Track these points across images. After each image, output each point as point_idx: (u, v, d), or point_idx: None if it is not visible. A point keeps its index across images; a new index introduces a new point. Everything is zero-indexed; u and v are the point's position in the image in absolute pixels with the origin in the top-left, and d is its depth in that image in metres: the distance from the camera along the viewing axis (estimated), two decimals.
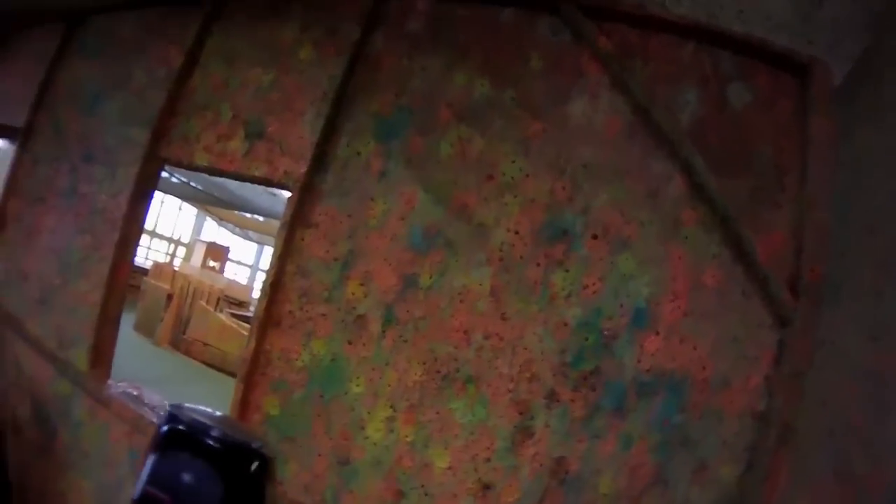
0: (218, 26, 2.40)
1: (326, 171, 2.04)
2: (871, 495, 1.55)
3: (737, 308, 1.90)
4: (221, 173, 2.20)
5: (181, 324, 7.26)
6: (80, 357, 2.43)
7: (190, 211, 14.50)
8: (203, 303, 7.23)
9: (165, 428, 0.66)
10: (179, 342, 7.12)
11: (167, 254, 13.45)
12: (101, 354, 2.42)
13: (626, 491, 1.85)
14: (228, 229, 15.58)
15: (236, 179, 2.20)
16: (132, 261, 2.38)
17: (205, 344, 6.92)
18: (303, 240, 2.02)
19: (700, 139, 1.96)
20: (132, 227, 2.33)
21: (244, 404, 2.03)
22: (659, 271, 1.90)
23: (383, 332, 1.92)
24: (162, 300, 7.47)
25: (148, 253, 12.85)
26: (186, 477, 0.63)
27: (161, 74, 2.41)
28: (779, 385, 1.84)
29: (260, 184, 2.15)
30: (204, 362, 6.78)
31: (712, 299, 1.90)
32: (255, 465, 0.69)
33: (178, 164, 2.30)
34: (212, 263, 9.88)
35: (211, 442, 0.65)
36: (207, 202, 9.49)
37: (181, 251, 14.04)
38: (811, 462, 1.81)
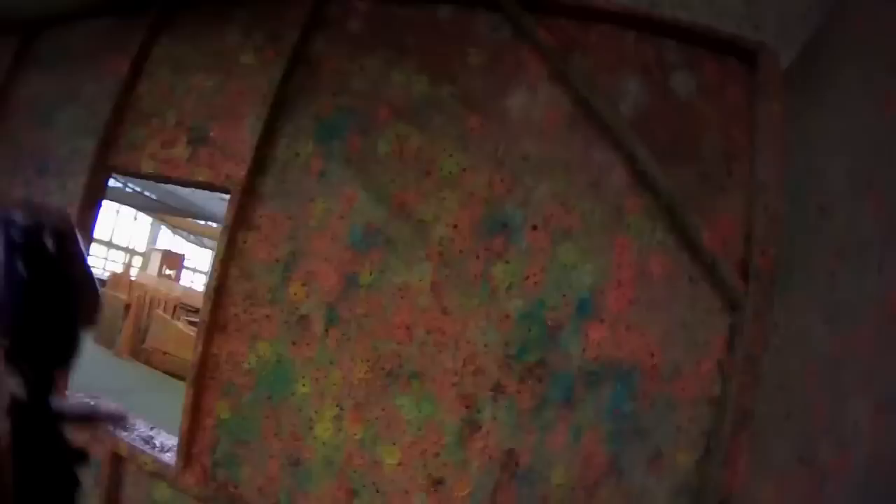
0: (166, 35, 2.43)
1: (267, 174, 2.06)
2: (834, 480, 1.55)
3: (684, 294, 1.91)
4: (166, 179, 2.22)
5: (140, 333, 7.27)
6: None
7: (145, 220, 14.55)
8: (160, 311, 7.23)
9: None
10: (139, 352, 7.13)
11: (123, 264, 13.49)
12: None
13: (580, 482, 1.85)
14: (183, 237, 15.65)
15: (180, 185, 2.23)
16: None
17: (164, 353, 6.91)
18: (245, 242, 2.04)
19: (643, 128, 1.98)
20: (83, 235, 2.34)
21: (195, 409, 2.04)
22: (602, 260, 1.91)
23: (326, 331, 1.93)
24: (120, 310, 7.48)
25: (105, 264, 12.88)
26: None
27: (110, 85, 2.44)
28: (732, 369, 1.84)
29: (203, 188, 2.17)
30: (164, 371, 6.77)
31: (659, 287, 1.90)
32: (49, 243, 0.59)
33: (126, 173, 2.32)
34: (168, 271, 9.90)
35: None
36: (161, 211, 9.56)
37: (137, 261, 14.08)
38: (773, 448, 1.81)
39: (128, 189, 7.32)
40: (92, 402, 2.34)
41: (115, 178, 2.51)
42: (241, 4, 2.31)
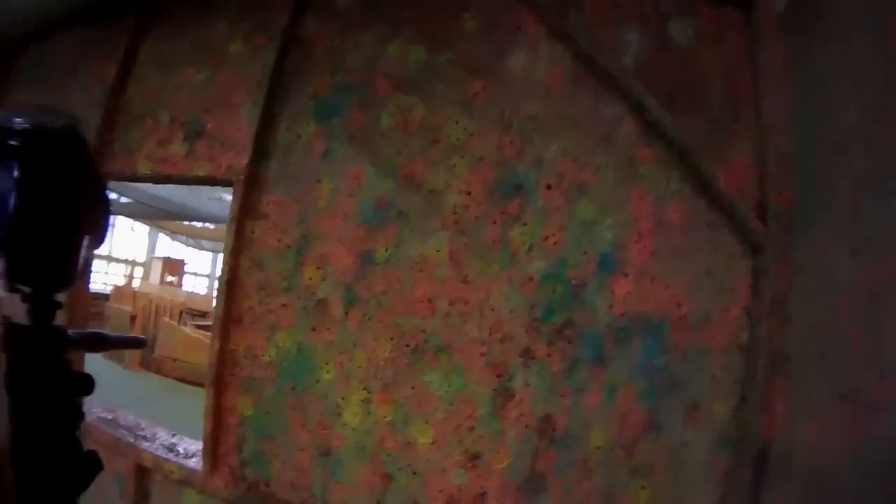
0: (151, 34, 2.40)
1: (269, 160, 2.03)
2: (879, 411, 1.52)
3: (706, 241, 1.88)
4: (165, 179, 2.18)
5: (148, 343, 7.23)
6: None
7: (142, 230, 14.50)
8: (167, 318, 7.19)
9: None
10: (150, 362, 7.09)
11: (125, 276, 13.45)
12: None
13: (618, 441, 1.82)
14: (182, 242, 15.61)
15: (180, 183, 2.19)
16: (87, 289, 2.35)
17: (174, 360, 6.87)
18: (253, 232, 2.00)
19: (647, 79, 1.96)
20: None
21: (217, 409, 1.99)
22: (620, 214, 1.88)
23: (346, 313, 1.89)
24: (126, 322, 7.44)
25: (107, 278, 12.83)
26: None
27: (98, 92, 2.40)
28: (760, 313, 1.82)
29: (204, 183, 2.13)
30: (176, 378, 6.73)
31: (679, 236, 1.88)
32: (56, 147, 0.51)
33: (123, 178, 2.28)
34: (170, 278, 9.86)
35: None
36: (157, 217, 9.51)
37: (139, 271, 14.01)
38: (811, 388, 1.79)
39: (122, 199, 7.28)
40: (109, 417, 2.29)
41: (110, 190, 2.46)
42: None
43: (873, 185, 1.68)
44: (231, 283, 1.99)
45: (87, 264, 0.59)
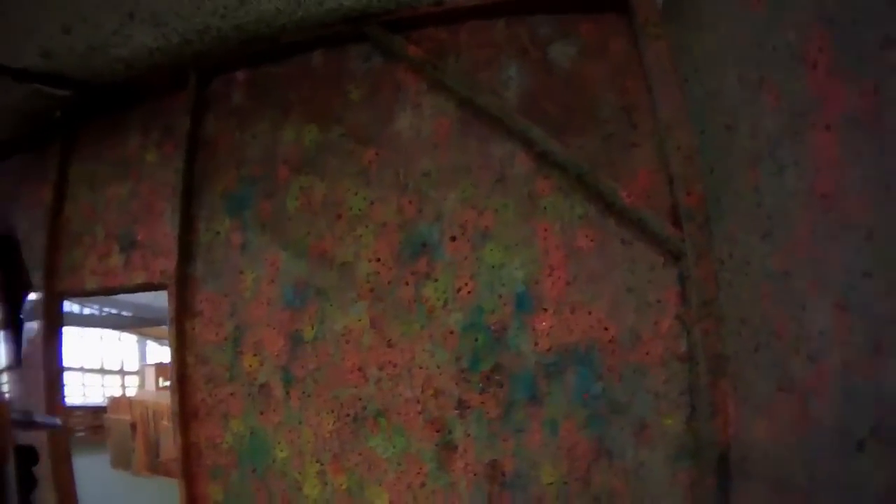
0: (76, 156, 2.72)
1: (195, 260, 2.29)
2: (817, 397, 1.59)
3: (622, 259, 2.03)
4: (109, 291, 2.48)
5: (153, 448, 7.79)
6: (49, 500, 2.72)
7: (130, 339, 15.22)
8: (165, 422, 7.69)
9: None
10: (157, 465, 7.62)
11: (120, 386, 14.26)
12: (66, 491, 2.71)
13: (571, 474, 1.98)
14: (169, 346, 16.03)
15: (122, 292, 2.48)
16: (62, 398, 2.67)
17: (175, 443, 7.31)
18: (193, 329, 2.27)
19: (534, 109, 2.14)
20: (52, 365, 2.63)
21: (191, 499, 2.27)
22: (528, 251, 2.06)
23: (287, 393, 2.14)
24: (127, 431, 8.07)
25: (103, 390, 13.61)
26: None
27: (38, 215, 2.73)
28: (693, 319, 1.95)
29: (143, 290, 2.42)
30: None
31: (593, 260, 2.04)
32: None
33: (73, 294, 2.60)
34: (164, 383, 10.47)
35: None
36: (133, 325, 10.06)
37: (133, 380, 14.70)
38: (752, 384, 1.86)
39: (102, 312, 7.85)
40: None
41: (81, 304, 2.78)
42: (135, 107, 2.58)
43: (767, 158, 1.75)
44: (181, 379, 2.26)
45: None
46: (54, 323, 2.64)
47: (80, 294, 2.56)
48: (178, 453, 2.26)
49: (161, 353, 15.81)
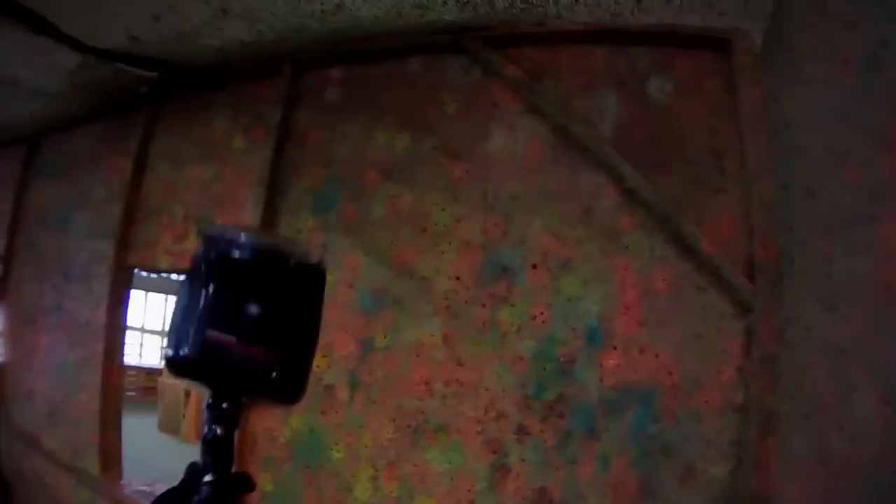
0: (160, 130, 2.79)
1: None
2: (848, 479, 1.63)
3: (694, 305, 2.07)
4: (182, 272, 2.55)
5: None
6: (92, 463, 2.82)
7: None
8: None
9: (213, 256, 0.59)
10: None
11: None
12: (110, 457, 2.80)
13: None
14: None
15: None
16: (121, 366, 2.76)
17: None
18: None
19: (627, 143, 2.16)
20: (114, 335, 2.71)
21: None
22: (606, 286, 2.10)
23: (351, 397, 2.20)
24: (180, 396, 8.06)
25: (161, 353, 13.73)
26: (252, 309, 0.58)
27: (116, 185, 2.80)
28: (752, 373, 1.98)
29: None
30: None
31: (666, 303, 2.07)
32: (317, 282, 0.65)
33: (144, 268, 2.68)
34: None
35: (269, 264, 0.61)
36: None
37: None
38: (795, 449, 1.92)
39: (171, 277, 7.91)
40: (148, 490, 2.70)
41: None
42: (224, 90, 2.63)
43: (841, 234, 1.77)
44: None
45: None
46: (120, 294, 2.73)
47: (152, 270, 2.63)
48: (236, 442, 2.33)
49: None
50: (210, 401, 0.63)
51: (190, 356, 0.59)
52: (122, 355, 2.79)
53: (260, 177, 2.40)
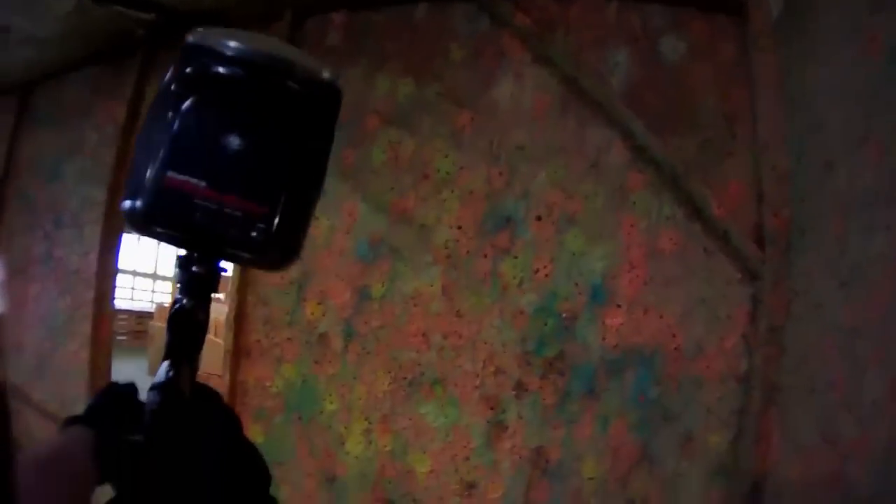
0: (155, 74, 2.71)
1: None
2: (855, 461, 1.60)
3: (700, 268, 2.02)
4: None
5: None
6: None
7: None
8: (211, 336, 7.72)
9: (187, 70, 0.45)
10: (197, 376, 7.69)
11: (170, 294, 14.31)
12: None
13: (611, 473, 2.01)
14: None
15: None
16: (112, 313, 2.72)
17: (219, 376, 7.44)
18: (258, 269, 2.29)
19: (637, 100, 2.10)
20: (105, 282, 2.67)
21: None
22: (611, 243, 2.05)
23: (346, 347, 2.16)
24: None
25: (152, 296, 13.72)
26: (231, 142, 0.45)
27: (110, 131, 2.74)
28: (757, 343, 1.94)
29: None
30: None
31: (672, 264, 2.03)
32: (327, 101, 0.48)
33: None
34: (216, 295, 10.52)
35: (261, 78, 0.46)
36: None
37: None
38: (799, 424, 1.89)
39: None
40: None
41: None
42: None
43: (860, 212, 1.74)
44: (238, 318, 2.28)
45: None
46: (112, 240, 2.68)
47: None
48: (224, 390, 2.30)
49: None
50: (179, 263, 0.49)
51: (145, 207, 0.45)
52: (113, 302, 2.74)
53: None
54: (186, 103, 0.46)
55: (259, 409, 2.28)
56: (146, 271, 13.69)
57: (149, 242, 13.19)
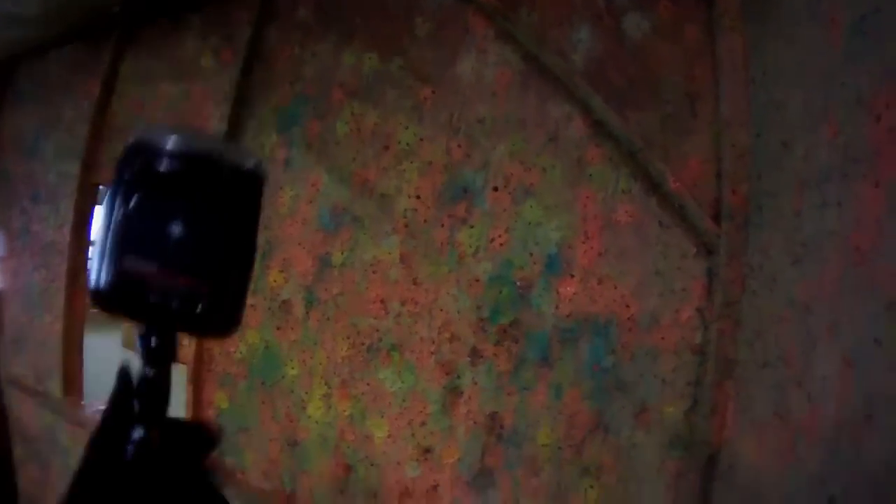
0: (130, 52, 2.83)
1: None
2: (806, 438, 1.65)
3: (656, 241, 2.10)
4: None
5: None
6: (55, 387, 2.90)
7: None
8: None
9: (133, 167, 0.53)
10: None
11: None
12: (72, 380, 2.88)
13: (566, 440, 2.09)
14: None
15: None
16: (85, 286, 2.83)
17: (187, 344, 7.55)
18: None
19: (599, 76, 2.19)
20: (78, 254, 2.78)
21: (196, 403, 2.41)
22: (567, 215, 2.14)
23: (307, 313, 2.26)
24: None
25: None
26: (174, 229, 0.53)
27: (86, 107, 2.85)
28: (712, 316, 2.03)
29: None
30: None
31: (628, 236, 2.11)
32: (252, 192, 0.57)
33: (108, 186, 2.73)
34: None
35: (195, 172, 0.54)
36: None
37: None
38: (753, 398, 1.96)
39: None
40: None
41: None
42: (196, 10, 2.67)
43: (815, 189, 1.81)
44: None
45: None
46: (85, 213, 2.78)
47: None
48: (190, 358, 2.40)
49: None
50: (140, 337, 0.56)
51: (106, 289, 0.53)
52: (87, 276, 2.85)
53: (226, 94, 2.44)
54: (134, 196, 0.53)
55: (224, 374, 2.38)
56: None
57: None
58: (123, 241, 0.52)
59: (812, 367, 1.64)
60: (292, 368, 2.28)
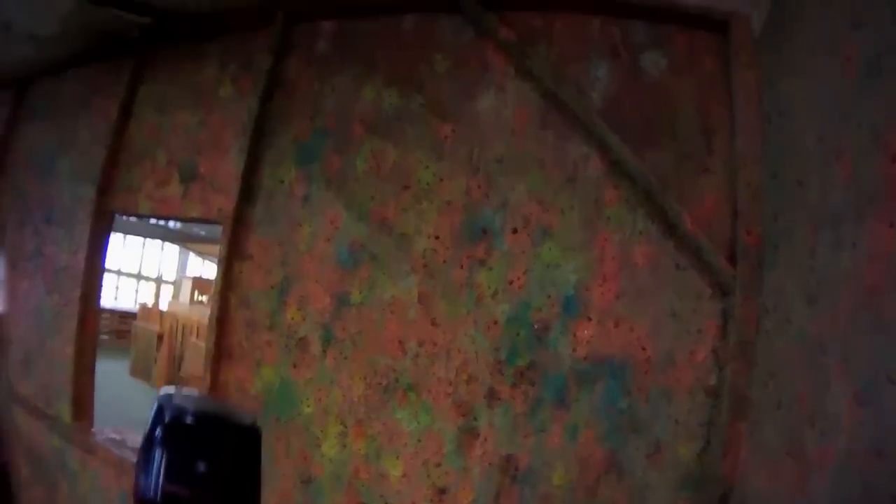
0: (149, 75, 2.84)
1: (254, 203, 2.42)
2: (818, 474, 1.66)
3: (672, 282, 2.11)
4: (164, 217, 2.61)
5: (175, 362, 7.97)
6: (64, 411, 2.91)
7: (173, 249, 15.55)
8: (194, 339, 7.87)
9: (167, 420, 0.74)
10: (177, 381, 7.82)
11: (154, 294, 14.54)
12: (83, 405, 2.89)
13: (580, 481, 2.11)
14: (211, 261, 16.53)
15: (176, 220, 2.62)
16: (97, 312, 2.84)
17: (202, 379, 7.56)
18: (241, 272, 2.40)
19: (616, 114, 2.20)
20: (92, 280, 2.79)
21: None
22: (585, 256, 2.15)
23: (324, 351, 2.27)
24: (153, 342, 8.24)
25: (136, 296, 13.94)
26: (200, 466, 0.73)
27: (102, 130, 2.86)
28: (727, 356, 2.04)
29: (198, 223, 2.55)
30: None
31: (644, 277, 2.12)
32: (254, 441, 0.80)
33: (126, 214, 2.74)
34: (200, 298, 10.69)
35: (212, 427, 0.76)
36: (182, 240, 10.18)
37: (168, 290, 15.08)
38: (766, 438, 1.97)
39: (151, 221, 8.06)
40: (118, 438, 2.78)
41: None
42: (215, 39, 2.68)
43: (829, 228, 1.81)
44: (221, 320, 2.40)
45: None
46: (100, 239, 2.79)
47: (133, 214, 2.70)
48: (204, 391, 2.41)
49: (201, 266, 16.29)
50: None
51: (153, 500, 0.72)
52: (99, 301, 2.86)
53: (245, 125, 2.45)
54: (169, 441, 0.74)
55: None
56: (130, 271, 13.96)
57: (134, 243, 13.47)
58: (164, 472, 0.72)
59: (824, 406, 1.64)
60: (308, 406, 2.29)
